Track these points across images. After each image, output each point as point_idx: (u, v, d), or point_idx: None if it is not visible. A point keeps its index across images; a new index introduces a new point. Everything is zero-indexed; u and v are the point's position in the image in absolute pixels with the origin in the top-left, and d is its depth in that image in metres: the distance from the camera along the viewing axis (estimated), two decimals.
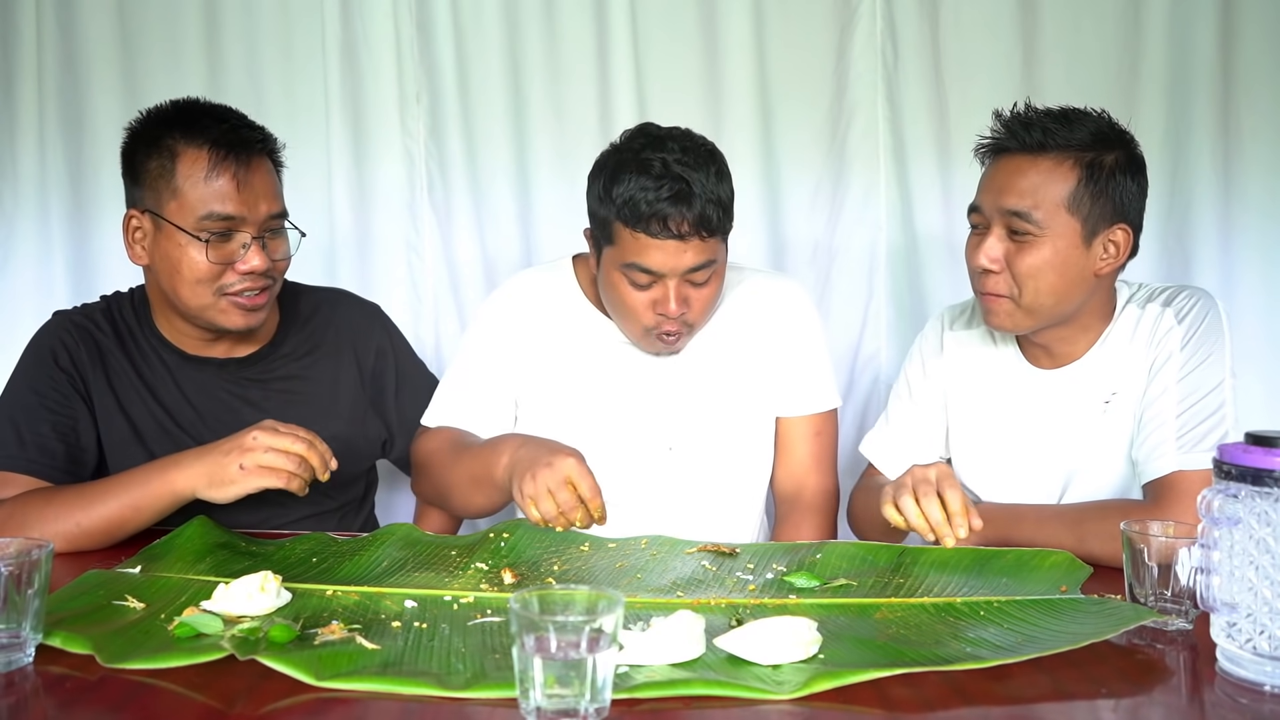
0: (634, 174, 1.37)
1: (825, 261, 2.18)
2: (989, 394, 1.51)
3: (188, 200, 1.36)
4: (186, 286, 1.38)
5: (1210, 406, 1.33)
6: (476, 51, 2.14)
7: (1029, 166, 1.35)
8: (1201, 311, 1.37)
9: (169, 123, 1.39)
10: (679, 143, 1.40)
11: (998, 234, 1.36)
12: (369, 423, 1.60)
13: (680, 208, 1.35)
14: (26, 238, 2.17)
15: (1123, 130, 1.38)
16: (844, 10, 2.11)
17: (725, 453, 1.55)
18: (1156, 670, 0.95)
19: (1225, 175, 2.07)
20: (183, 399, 1.49)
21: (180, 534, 1.27)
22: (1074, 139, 1.34)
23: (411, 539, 1.29)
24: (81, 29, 2.14)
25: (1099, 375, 1.43)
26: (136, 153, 1.41)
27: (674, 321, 1.43)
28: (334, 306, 1.63)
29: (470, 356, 1.57)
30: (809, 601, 1.09)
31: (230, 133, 1.38)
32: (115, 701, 0.86)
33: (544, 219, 2.16)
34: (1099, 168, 1.34)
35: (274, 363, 1.54)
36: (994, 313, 1.39)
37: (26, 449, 1.39)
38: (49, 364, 1.45)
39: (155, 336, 1.50)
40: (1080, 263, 1.36)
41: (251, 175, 1.38)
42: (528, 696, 0.79)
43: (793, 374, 1.58)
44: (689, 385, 1.54)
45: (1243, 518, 0.89)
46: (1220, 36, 2.04)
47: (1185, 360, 1.35)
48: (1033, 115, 1.37)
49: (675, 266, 1.38)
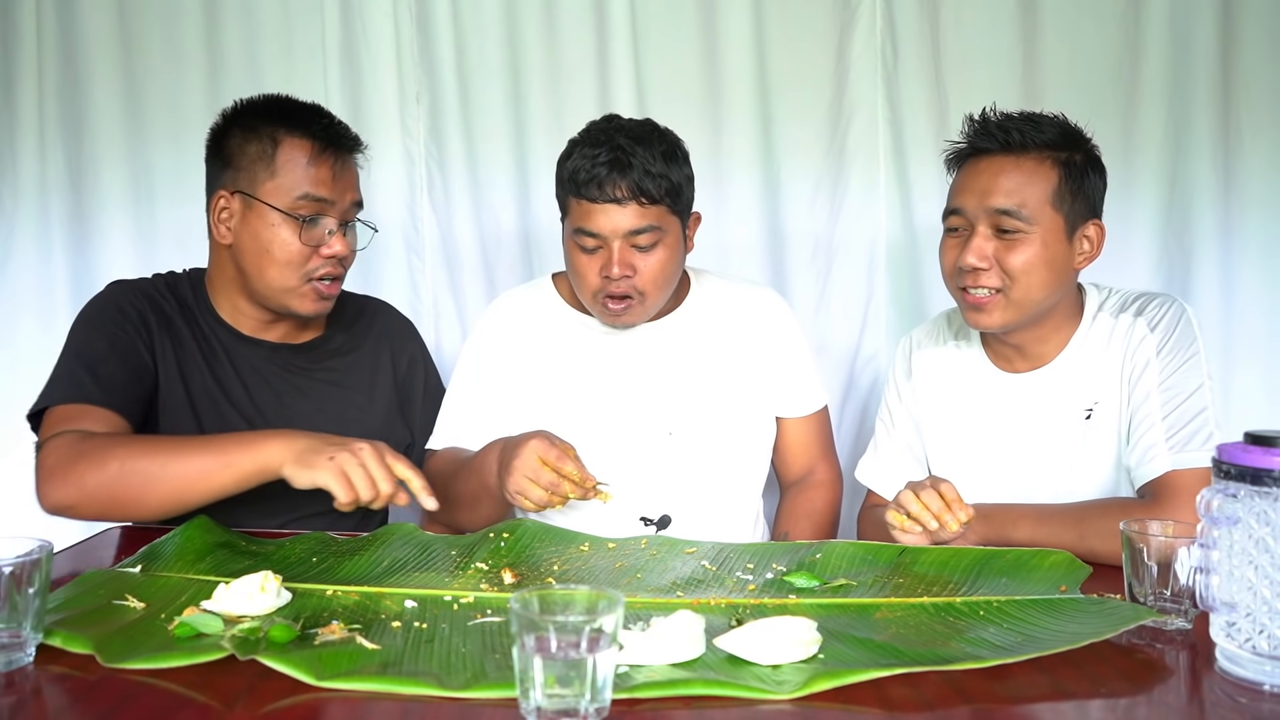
0: (580, 146, 1.49)
1: (825, 260, 2.18)
2: (963, 404, 1.52)
3: (285, 182, 1.44)
4: (275, 266, 1.45)
5: (1195, 408, 1.35)
6: (476, 51, 2.14)
7: (1012, 166, 1.38)
8: (1173, 319, 1.40)
9: (268, 114, 1.48)
10: (635, 125, 1.50)
11: (984, 233, 1.38)
12: (396, 426, 1.65)
13: (615, 173, 1.44)
14: (26, 238, 2.17)
15: (1081, 130, 1.43)
16: (844, 10, 2.11)
17: (724, 439, 1.59)
18: (1156, 670, 0.95)
19: (1225, 175, 2.07)
20: (234, 375, 1.52)
21: (180, 534, 1.27)
22: (1047, 139, 1.38)
23: (411, 539, 1.29)
24: (81, 29, 2.15)
25: (1074, 382, 1.44)
26: (231, 137, 1.48)
27: (620, 284, 1.48)
28: (376, 313, 1.72)
29: (465, 379, 1.63)
30: (809, 601, 1.10)
31: (331, 128, 1.49)
32: (115, 701, 0.86)
33: (544, 219, 2.16)
34: (1074, 166, 1.39)
35: (321, 355, 1.60)
36: (984, 310, 1.40)
37: (102, 385, 1.38)
38: (118, 317, 1.45)
39: (211, 315, 1.54)
40: (1065, 257, 1.40)
41: (345, 168, 1.50)
42: (528, 696, 0.79)
43: (787, 379, 1.64)
44: (686, 373, 1.58)
45: (1242, 517, 0.89)
46: (1220, 36, 2.04)
47: (1163, 366, 1.38)
48: (1007, 118, 1.41)
49: (615, 229, 1.46)
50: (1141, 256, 2.09)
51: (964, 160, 1.45)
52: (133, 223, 2.18)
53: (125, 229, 2.18)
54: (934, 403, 1.56)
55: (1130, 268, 2.08)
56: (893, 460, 1.59)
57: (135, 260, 2.15)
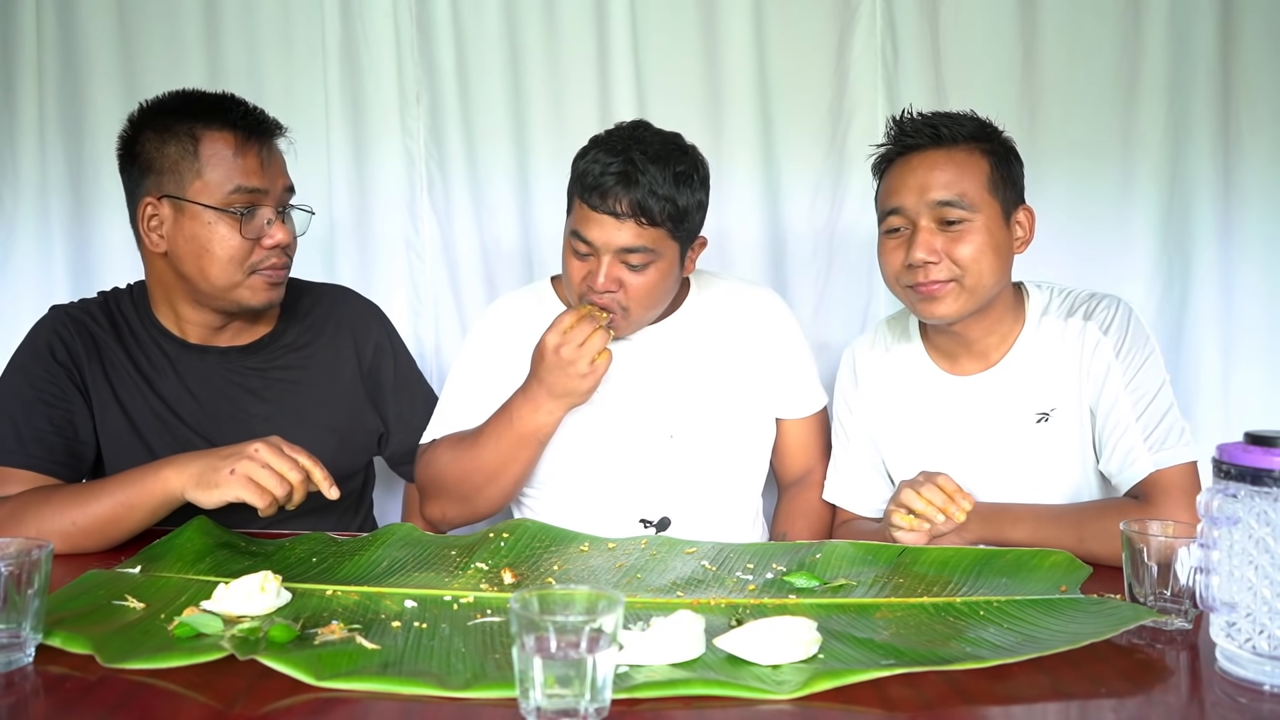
0: (597, 149, 1.45)
1: (825, 260, 2.18)
2: (912, 408, 1.53)
3: (214, 178, 1.40)
4: (218, 265, 1.42)
5: (1163, 405, 1.37)
6: (476, 51, 2.14)
7: (945, 159, 1.40)
8: (1124, 320, 1.41)
9: (179, 111, 1.43)
10: (659, 137, 1.46)
11: (928, 228, 1.39)
12: (366, 416, 1.62)
13: (619, 188, 1.41)
14: (26, 238, 2.17)
15: (991, 122, 1.46)
16: (844, 10, 2.11)
17: (725, 441, 1.58)
18: (1156, 670, 0.95)
19: (1225, 175, 2.07)
20: (183, 389, 1.50)
21: (180, 534, 1.27)
22: (969, 131, 1.42)
23: (411, 539, 1.29)
24: (81, 29, 2.15)
25: (1022, 385, 1.45)
26: (144, 142, 1.43)
27: (604, 298, 1.46)
28: (335, 301, 1.66)
29: (463, 377, 1.62)
30: (809, 601, 1.10)
31: (249, 115, 1.44)
32: (115, 701, 0.86)
33: (544, 219, 2.16)
34: (999, 154, 1.42)
35: (275, 352, 1.56)
36: (938, 300, 1.40)
37: (24, 444, 1.39)
38: (45, 358, 1.45)
39: (155, 328, 1.51)
40: (1006, 242, 1.42)
41: (272, 154, 1.46)
42: (528, 696, 0.79)
43: (789, 381, 1.64)
44: (688, 376, 1.58)
45: (1242, 517, 0.89)
46: (1220, 36, 2.04)
47: (1125, 368, 1.38)
48: (929, 116, 1.44)
49: (608, 242, 1.43)
50: (1142, 256, 2.08)
51: (892, 161, 1.46)
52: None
53: (125, 229, 2.15)
54: (883, 409, 1.56)
55: (1130, 267, 2.08)
56: (853, 474, 1.59)
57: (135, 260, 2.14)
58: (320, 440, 1.53)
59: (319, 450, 1.29)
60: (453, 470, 1.50)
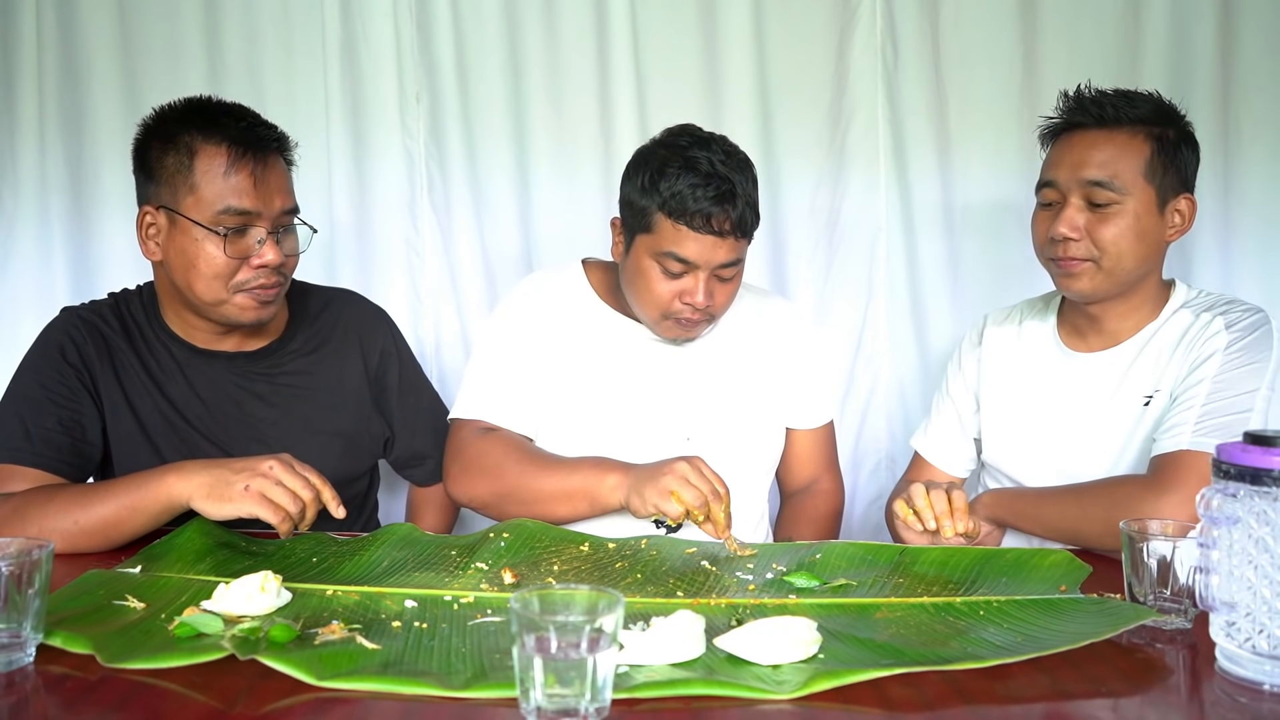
0: (682, 170, 1.43)
1: (825, 260, 2.18)
2: (1025, 380, 1.55)
3: (205, 196, 1.38)
4: (202, 281, 1.41)
5: (1240, 405, 1.33)
6: (476, 51, 2.14)
7: (1104, 140, 1.41)
8: (1253, 325, 1.39)
9: (184, 120, 1.41)
10: (721, 146, 1.48)
11: (1076, 205, 1.41)
12: (372, 421, 1.62)
13: (725, 207, 1.42)
14: (26, 238, 2.17)
15: (1175, 107, 1.45)
16: (844, 10, 2.11)
17: (739, 446, 1.59)
18: (1156, 669, 0.95)
19: (1225, 175, 2.07)
20: (191, 393, 1.50)
21: (180, 534, 1.27)
22: (1140, 114, 1.41)
23: (411, 539, 1.29)
24: (81, 29, 2.14)
25: (1139, 367, 1.45)
26: (151, 149, 1.42)
27: (699, 311, 1.49)
28: (342, 305, 1.66)
29: (495, 350, 1.60)
30: (809, 601, 1.10)
31: (248, 130, 1.41)
32: (115, 701, 0.86)
33: (544, 218, 2.16)
34: (1167, 140, 1.41)
35: (282, 358, 1.56)
36: (1076, 277, 1.42)
37: (32, 442, 1.39)
38: (56, 359, 1.45)
39: (164, 332, 1.51)
40: (1156, 229, 1.41)
41: (268, 172, 1.42)
42: (528, 696, 0.79)
43: (802, 392, 1.67)
44: (706, 379, 1.59)
45: (1241, 517, 0.89)
46: (1220, 36, 2.04)
47: (1226, 361, 1.36)
48: (1101, 93, 1.44)
49: (709, 260, 1.45)
50: None
51: (1058, 135, 1.48)
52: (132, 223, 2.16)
53: (125, 229, 2.18)
54: (996, 374, 1.59)
55: None
56: (943, 430, 1.66)
57: (135, 260, 2.14)
58: (326, 445, 1.53)
59: (325, 455, 1.29)
60: (514, 478, 1.47)
